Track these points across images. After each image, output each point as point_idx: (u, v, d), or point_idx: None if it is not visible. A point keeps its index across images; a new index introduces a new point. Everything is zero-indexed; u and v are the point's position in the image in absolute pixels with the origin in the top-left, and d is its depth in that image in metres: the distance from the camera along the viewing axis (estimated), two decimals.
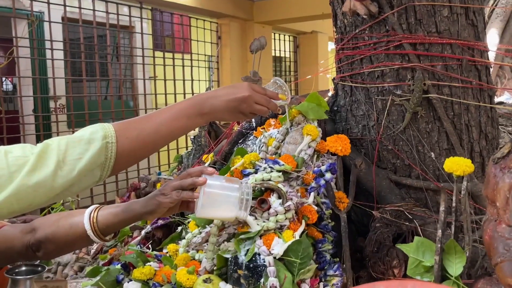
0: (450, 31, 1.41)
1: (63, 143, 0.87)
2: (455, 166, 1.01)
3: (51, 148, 0.86)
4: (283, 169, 1.31)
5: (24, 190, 0.82)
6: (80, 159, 0.87)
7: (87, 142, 0.89)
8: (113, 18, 3.93)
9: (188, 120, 1.02)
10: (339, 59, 1.63)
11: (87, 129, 0.92)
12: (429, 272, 1.04)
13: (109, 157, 0.91)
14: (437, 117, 1.43)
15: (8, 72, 5.19)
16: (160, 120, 0.99)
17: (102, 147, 0.89)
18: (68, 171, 0.86)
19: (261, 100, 1.12)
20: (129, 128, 0.96)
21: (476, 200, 1.40)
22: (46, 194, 0.85)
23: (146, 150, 0.99)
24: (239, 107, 1.08)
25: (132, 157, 0.96)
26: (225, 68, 5.96)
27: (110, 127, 0.93)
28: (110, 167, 0.92)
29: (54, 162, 0.84)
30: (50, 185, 0.84)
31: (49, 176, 0.84)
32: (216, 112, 1.06)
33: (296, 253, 1.16)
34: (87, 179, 0.90)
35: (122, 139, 0.93)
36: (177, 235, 1.56)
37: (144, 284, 1.20)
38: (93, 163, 0.89)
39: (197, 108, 1.03)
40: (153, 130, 0.97)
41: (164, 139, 1.00)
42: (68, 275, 1.90)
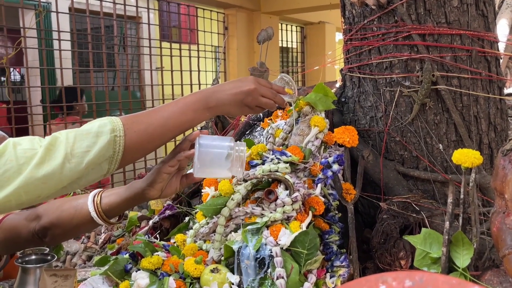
0: (459, 22, 1.40)
1: (71, 136, 0.88)
2: (464, 158, 1.00)
3: (59, 141, 0.86)
4: (290, 160, 1.31)
5: (32, 183, 0.82)
6: (88, 152, 0.87)
7: (95, 135, 0.89)
8: (120, 9, 3.92)
9: (195, 114, 1.02)
10: (347, 50, 1.62)
11: (95, 122, 0.92)
12: (436, 263, 1.05)
13: (117, 150, 0.91)
14: (445, 108, 1.42)
15: (16, 62, 5.21)
16: (168, 114, 1.00)
17: (110, 141, 0.90)
18: (76, 164, 0.86)
19: (267, 93, 1.12)
20: (137, 121, 0.96)
21: (484, 192, 1.39)
22: (54, 186, 0.85)
23: (153, 143, 0.99)
24: (245, 100, 1.08)
25: (140, 150, 0.97)
26: (232, 59, 5.95)
27: (118, 121, 0.93)
28: (118, 161, 0.92)
29: (62, 154, 0.85)
30: (58, 178, 0.85)
31: (57, 168, 0.84)
32: (222, 106, 1.06)
33: (303, 244, 1.16)
34: (95, 172, 0.91)
35: (130, 132, 0.93)
36: (184, 226, 1.57)
37: (152, 273, 1.21)
38: (101, 156, 0.89)
39: (204, 102, 1.04)
40: (160, 124, 0.98)
41: (171, 133, 1.01)
42: (77, 264, 1.92)
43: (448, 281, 0.42)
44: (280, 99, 1.16)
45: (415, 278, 0.42)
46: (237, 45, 5.89)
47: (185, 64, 4.58)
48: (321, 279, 1.19)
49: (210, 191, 1.45)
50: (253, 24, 6.14)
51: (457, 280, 0.43)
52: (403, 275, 0.43)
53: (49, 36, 4.24)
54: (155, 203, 1.87)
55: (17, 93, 5.72)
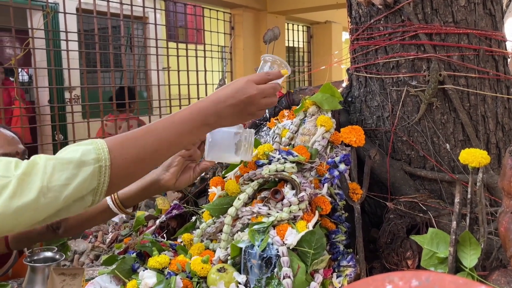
0: (467, 21, 1.40)
1: (50, 165, 0.77)
2: (471, 158, 1.00)
3: (36, 169, 0.77)
4: (296, 160, 1.31)
5: (2, 218, 0.74)
6: (67, 185, 0.77)
7: (77, 166, 0.79)
8: (127, 9, 3.94)
9: (191, 136, 0.94)
10: (353, 50, 1.62)
11: (79, 149, 0.81)
12: (443, 263, 1.04)
13: (102, 181, 0.81)
14: (452, 108, 1.41)
15: (24, 63, 5.25)
16: (161, 136, 0.90)
17: (94, 172, 0.80)
18: (53, 199, 0.76)
19: (268, 91, 1.03)
20: (126, 146, 0.85)
21: (492, 192, 1.39)
22: (27, 221, 0.76)
23: (144, 169, 0.90)
24: (246, 110, 1.00)
25: (129, 178, 0.88)
26: (238, 59, 5.95)
27: (103, 147, 0.82)
28: (103, 192, 0.83)
29: (38, 187, 0.75)
30: (31, 214, 0.75)
31: (30, 203, 0.75)
32: (223, 120, 0.97)
33: (310, 243, 1.16)
34: (77, 205, 0.81)
35: (118, 160, 0.83)
36: (191, 225, 1.58)
37: (159, 272, 1.22)
38: (83, 189, 0.79)
39: (202, 119, 0.95)
40: (153, 149, 0.88)
41: (164, 156, 0.93)
42: (85, 263, 1.93)
43: (454, 281, 0.42)
44: (277, 86, 1.06)
45: (422, 278, 0.42)
46: (243, 45, 5.89)
47: (192, 64, 4.59)
48: (328, 278, 1.19)
49: (216, 191, 1.45)
50: (259, 24, 6.14)
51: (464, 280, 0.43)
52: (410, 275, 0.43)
53: (57, 36, 4.27)
54: (162, 203, 1.88)
55: (25, 93, 5.76)
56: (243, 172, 1.42)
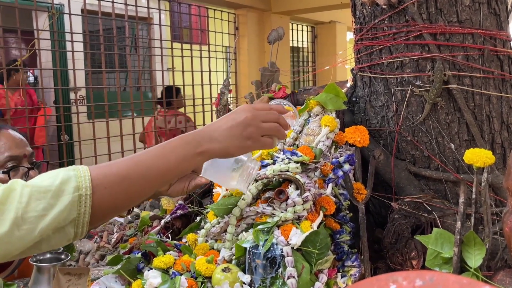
0: (471, 21, 1.39)
1: (26, 193, 0.71)
2: (475, 158, 1.00)
3: (12, 197, 0.71)
4: (301, 160, 1.31)
5: None
6: (43, 216, 0.71)
7: (54, 195, 0.72)
8: (131, 10, 3.95)
9: (182, 161, 0.84)
10: (357, 50, 1.62)
11: (58, 175, 0.75)
12: (447, 263, 1.04)
13: (83, 212, 0.75)
14: (457, 108, 1.41)
15: (30, 64, 5.28)
16: (148, 163, 0.82)
17: (73, 201, 0.73)
18: (28, 231, 0.70)
19: (268, 116, 0.94)
20: (110, 174, 0.78)
21: (497, 192, 1.38)
22: (2, 254, 0.71)
23: (130, 200, 0.83)
24: (245, 133, 0.90)
25: (113, 209, 0.80)
26: (242, 59, 5.96)
27: (86, 175, 0.76)
28: (85, 223, 0.76)
29: (11, 219, 0.69)
30: (5, 247, 0.70)
31: (3, 236, 0.69)
32: (218, 145, 0.88)
33: (314, 243, 1.17)
34: (58, 237, 0.75)
35: (100, 189, 0.76)
36: (196, 225, 1.58)
37: (164, 272, 1.22)
38: (62, 220, 0.73)
39: (194, 144, 0.86)
40: (139, 176, 0.80)
41: (152, 186, 0.83)
42: (90, 263, 1.94)
43: (458, 280, 0.42)
44: (283, 120, 0.98)
45: (426, 277, 0.42)
46: (247, 45, 5.90)
47: (196, 65, 4.60)
48: (332, 279, 1.19)
49: (221, 191, 1.46)
50: (263, 24, 6.14)
51: (468, 280, 0.43)
52: (414, 275, 0.43)
53: (62, 37, 4.29)
54: (167, 203, 1.89)
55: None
56: None
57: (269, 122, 0.94)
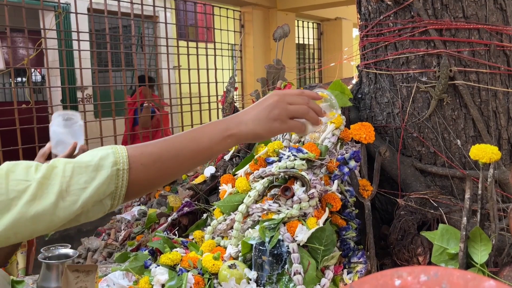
0: (477, 16, 1.39)
1: (69, 168, 0.77)
2: (481, 153, 0.99)
3: (55, 173, 0.77)
4: (306, 157, 1.32)
5: (22, 223, 0.73)
6: (85, 188, 0.77)
7: (95, 169, 0.79)
8: (137, 9, 3.96)
9: (211, 142, 0.89)
10: (363, 46, 1.61)
11: (98, 153, 0.81)
12: (454, 259, 1.04)
13: (120, 185, 0.81)
14: (463, 104, 1.40)
15: (36, 63, 5.31)
16: (181, 144, 0.88)
17: (111, 175, 0.79)
18: (71, 203, 0.76)
19: (296, 100, 0.96)
20: (145, 152, 0.85)
21: (504, 188, 1.38)
22: (46, 226, 0.76)
23: (164, 177, 0.88)
24: (271, 115, 0.92)
25: (148, 184, 0.86)
26: (248, 57, 5.95)
27: (123, 152, 0.82)
28: (121, 196, 0.82)
29: (56, 191, 0.75)
30: (50, 218, 0.75)
31: (49, 208, 0.74)
32: (245, 128, 0.91)
33: (320, 240, 1.17)
34: (95, 209, 0.81)
35: (136, 165, 0.82)
36: (202, 222, 1.59)
37: (171, 269, 1.23)
38: (101, 193, 0.79)
39: (223, 127, 0.90)
40: (172, 156, 0.86)
41: (184, 166, 0.88)
42: (98, 260, 1.96)
43: (463, 275, 0.42)
44: (314, 104, 0.98)
45: (430, 273, 0.43)
46: (253, 43, 5.89)
47: (202, 63, 4.61)
48: (339, 275, 1.19)
49: (227, 188, 1.46)
50: (269, 22, 6.13)
51: (472, 275, 0.43)
52: (419, 270, 0.43)
53: (69, 36, 4.31)
54: (173, 200, 1.89)
55: (38, 93, 5.82)
56: (253, 169, 1.43)
57: (297, 104, 0.94)
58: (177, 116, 4.70)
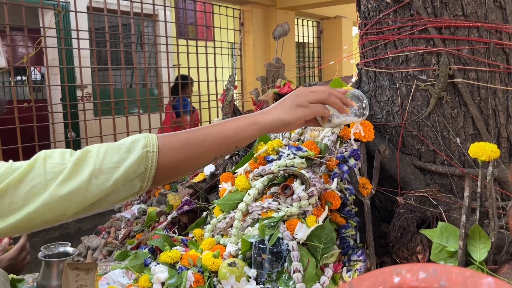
0: (477, 14, 1.39)
1: (102, 150, 0.83)
2: (480, 151, 1.00)
3: (89, 156, 0.82)
4: (306, 155, 1.32)
5: (57, 200, 0.77)
6: (117, 168, 0.82)
7: (127, 151, 0.84)
8: (137, 7, 3.96)
9: (237, 129, 0.93)
10: (362, 44, 1.61)
11: (129, 138, 0.87)
12: (453, 257, 1.04)
13: (149, 167, 0.85)
14: (463, 102, 1.41)
15: (36, 62, 5.31)
16: (207, 131, 0.93)
17: (142, 156, 0.84)
18: (104, 180, 0.81)
19: (319, 87, 1.00)
20: (174, 138, 0.90)
21: (503, 186, 1.38)
22: (79, 203, 0.80)
23: (191, 162, 0.92)
24: (294, 102, 0.97)
25: (176, 168, 0.90)
26: (248, 55, 5.95)
27: (153, 137, 0.88)
28: (150, 178, 0.86)
29: (90, 170, 0.80)
30: (83, 195, 0.80)
31: (82, 185, 0.79)
32: (268, 116, 0.96)
33: (319, 238, 1.17)
34: (125, 190, 0.85)
35: (165, 148, 0.87)
36: (202, 220, 1.59)
37: (171, 267, 1.23)
38: (132, 172, 0.83)
39: (247, 118, 0.95)
40: (199, 141, 0.91)
41: (211, 151, 0.92)
42: (98, 258, 1.96)
43: (462, 273, 0.42)
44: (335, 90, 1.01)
45: (429, 270, 0.43)
46: (253, 41, 5.89)
47: (202, 61, 4.61)
48: (338, 273, 1.19)
49: (227, 187, 1.46)
50: (269, 20, 6.13)
51: (471, 272, 0.43)
52: (417, 267, 0.44)
53: (68, 35, 4.31)
54: (173, 199, 1.90)
55: (37, 92, 5.82)
56: (253, 167, 1.43)
57: (318, 91, 0.99)
58: None
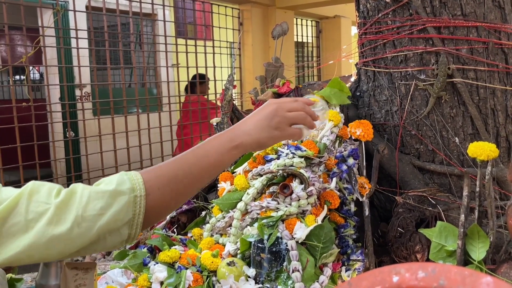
0: (475, 14, 1.39)
1: (86, 194, 0.76)
2: (479, 151, 1.00)
3: (73, 199, 0.76)
4: (305, 154, 1.32)
5: (36, 246, 0.72)
6: (101, 215, 0.75)
7: (112, 196, 0.77)
8: (136, 6, 3.96)
9: (220, 156, 0.90)
10: (361, 44, 1.61)
11: (114, 179, 0.80)
12: (451, 256, 1.04)
13: (137, 212, 0.79)
14: (461, 101, 1.41)
15: (35, 61, 5.30)
16: (191, 161, 0.88)
17: (129, 202, 0.78)
18: (86, 229, 0.74)
19: (293, 106, 0.99)
20: (160, 175, 0.84)
21: (502, 186, 1.38)
22: (59, 252, 0.74)
23: (178, 198, 0.87)
24: (272, 123, 0.95)
25: (164, 208, 0.85)
26: (247, 55, 5.95)
27: (138, 177, 0.81)
28: (139, 224, 0.80)
29: (73, 217, 0.74)
30: (64, 244, 0.74)
31: (64, 233, 0.73)
32: (249, 138, 0.93)
33: (318, 237, 1.17)
34: (113, 239, 0.78)
35: (153, 190, 0.81)
36: (201, 220, 1.59)
37: (169, 266, 1.23)
38: (118, 220, 0.77)
39: (227, 139, 0.91)
40: (184, 174, 0.86)
41: (197, 182, 0.88)
42: (97, 258, 1.96)
43: (461, 272, 0.42)
44: (310, 109, 1.01)
45: (428, 269, 0.43)
46: (252, 41, 5.88)
47: (201, 60, 4.60)
48: (337, 272, 1.20)
49: (226, 186, 1.46)
50: (268, 19, 6.13)
51: (470, 271, 0.43)
52: (416, 266, 0.44)
53: (67, 34, 4.30)
54: None
55: (36, 91, 5.81)
56: (252, 167, 1.43)
57: (295, 111, 0.97)
58: (175, 114, 4.70)
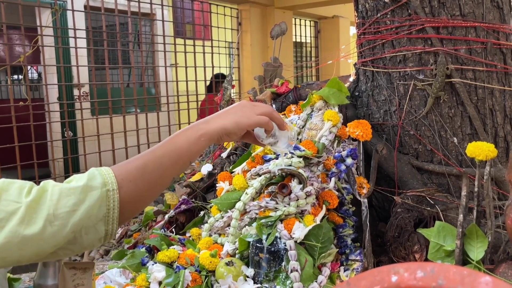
0: (474, 14, 1.39)
1: (56, 192, 0.73)
2: (477, 151, 1.00)
3: (44, 198, 0.72)
4: (304, 154, 1.32)
5: (9, 247, 0.69)
6: (74, 211, 0.72)
7: (83, 191, 0.74)
8: (134, 6, 3.95)
9: (188, 145, 0.89)
10: (360, 44, 1.62)
11: (84, 175, 0.78)
12: (450, 256, 1.04)
13: (112, 207, 0.77)
14: (460, 101, 1.41)
15: (33, 60, 5.29)
16: (161, 152, 0.87)
17: (102, 197, 0.75)
18: (60, 227, 0.71)
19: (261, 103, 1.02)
20: (131, 169, 0.82)
21: (500, 186, 1.38)
22: (34, 252, 0.71)
23: (152, 190, 0.86)
24: (237, 111, 0.97)
25: (139, 201, 0.83)
26: (245, 55, 5.94)
27: (109, 172, 0.79)
28: (115, 220, 0.78)
29: (44, 216, 0.71)
30: (38, 244, 0.71)
31: (37, 233, 0.70)
32: (213, 125, 0.93)
33: (317, 237, 1.17)
34: (90, 236, 0.76)
35: (126, 183, 0.79)
36: (199, 220, 1.59)
37: (168, 266, 1.23)
38: (92, 216, 0.75)
39: (195, 129, 0.92)
40: (155, 166, 0.85)
41: (169, 173, 0.87)
42: (95, 258, 1.96)
43: (459, 271, 0.42)
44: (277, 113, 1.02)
45: (427, 268, 0.43)
46: (250, 41, 5.88)
47: (199, 60, 4.60)
48: (335, 272, 1.20)
49: (224, 186, 1.46)
50: (266, 19, 6.13)
51: (469, 271, 0.43)
52: (415, 266, 0.44)
53: (65, 34, 4.30)
54: (170, 198, 1.89)
55: (34, 90, 5.80)
56: (251, 167, 1.43)
57: (264, 110, 0.99)
58: (174, 114, 4.69)
